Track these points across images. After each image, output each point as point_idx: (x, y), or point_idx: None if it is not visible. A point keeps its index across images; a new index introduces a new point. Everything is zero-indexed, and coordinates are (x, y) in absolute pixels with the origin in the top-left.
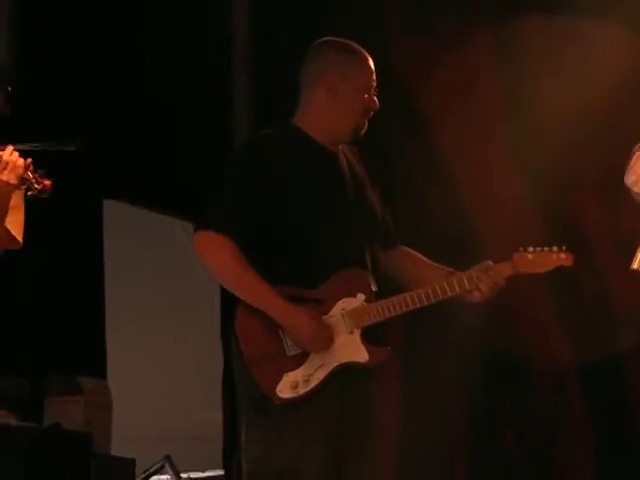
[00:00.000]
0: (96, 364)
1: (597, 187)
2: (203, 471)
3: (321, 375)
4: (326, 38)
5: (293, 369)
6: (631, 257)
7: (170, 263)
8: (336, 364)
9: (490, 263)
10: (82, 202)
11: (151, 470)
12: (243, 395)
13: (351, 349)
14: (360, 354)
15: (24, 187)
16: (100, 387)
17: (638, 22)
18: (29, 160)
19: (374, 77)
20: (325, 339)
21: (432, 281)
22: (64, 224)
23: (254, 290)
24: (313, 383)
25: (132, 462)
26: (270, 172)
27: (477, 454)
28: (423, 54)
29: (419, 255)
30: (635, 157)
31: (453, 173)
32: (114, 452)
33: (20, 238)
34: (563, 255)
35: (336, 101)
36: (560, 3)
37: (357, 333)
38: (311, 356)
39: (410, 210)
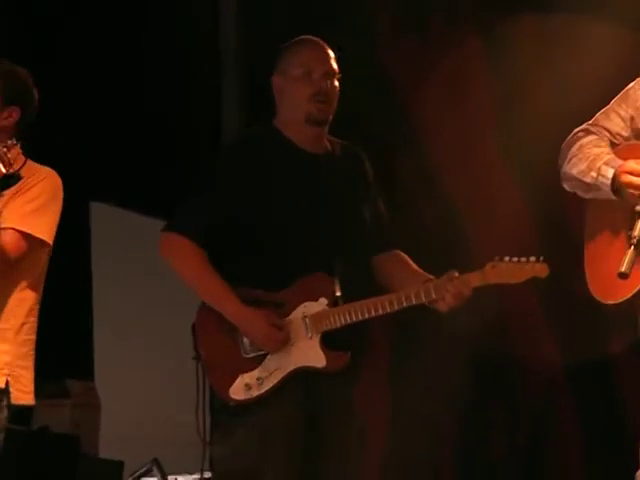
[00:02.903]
0: (84, 367)
1: None
2: (191, 474)
3: (275, 378)
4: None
5: (248, 371)
6: None
7: (158, 266)
8: (292, 368)
9: (456, 273)
10: (69, 204)
11: (139, 472)
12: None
13: (309, 353)
14: (317, 359)
15: None
16: (88, 390)
17: (632, 21)
18: None
19: (316, 63)
20: (279, 341)
21: (407, 287)
22: None
23: (211, 291)
24: (267, 386)
25: (120, 464)
26: (240, 175)
27: (465, 459)
28: (414, 57)
29: (409, 260)
30: (579, 146)
31: (444, 177)
32: (102, 454)
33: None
34: (538, 266)
35: (282, 97)
36: (552, 3)
37: (317, 338)
38: (267, 359)
39: (400, 215)
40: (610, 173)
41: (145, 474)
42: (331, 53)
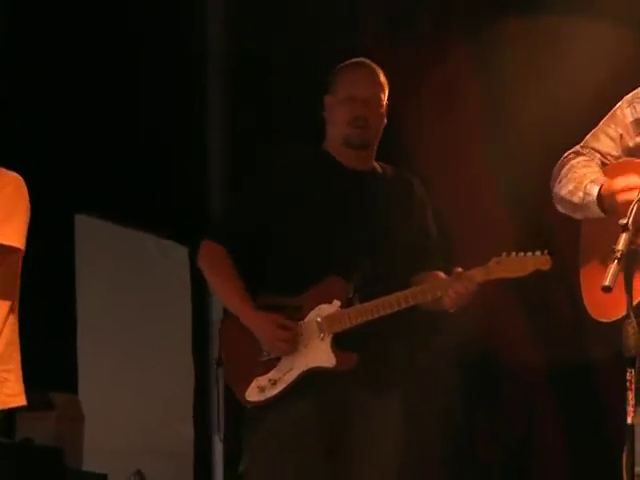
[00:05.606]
0: (67, 379)
1: None
2: None
3: (289, 379)
4: None
5: (263, 373)
6: None
7: (142, 278)
8: (304, 369)
9: (460, 270)
10: (54, 216)
11: None
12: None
13: (320, 354)
14: (327, 359)
15: None
16: (72, 402)
17: (625, 29)
18: None
19: (359, 88)
20: (287, 342)
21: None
22: (35, 238)
23: (230, 296)
24: (280, 387)
25: (103, 477)
26: (274, 186)
27: (452, 465)
28: (402, 60)
29: (440, 273)
30: (569, 167)
31: (432, 185)
32: (86, 467)
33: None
34: (542, 258)
35: (329, 117)
36: (542, 6)
37: (328, 339)
38: (282, 361)
39: None
40: (595, 190)
41: None
42: (381, 79)
